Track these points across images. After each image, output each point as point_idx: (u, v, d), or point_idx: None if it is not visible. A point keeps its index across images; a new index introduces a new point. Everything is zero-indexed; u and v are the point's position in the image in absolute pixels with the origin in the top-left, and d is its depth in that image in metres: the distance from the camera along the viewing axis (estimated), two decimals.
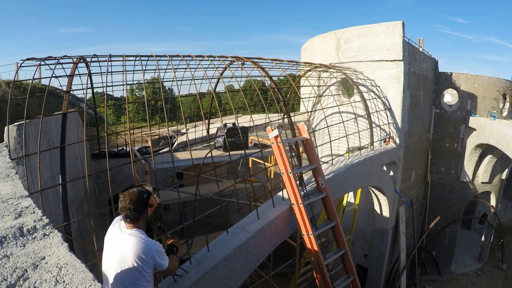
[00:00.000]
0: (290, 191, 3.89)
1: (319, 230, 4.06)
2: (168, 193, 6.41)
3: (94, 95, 6.75)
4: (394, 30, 7.15)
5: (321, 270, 3.86)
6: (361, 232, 8.06)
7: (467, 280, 10.14)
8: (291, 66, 6.87)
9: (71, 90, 4.06)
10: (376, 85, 7.42)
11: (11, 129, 3.10)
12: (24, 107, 3.37)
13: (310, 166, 4.25)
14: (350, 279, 4.25)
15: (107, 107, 3.65)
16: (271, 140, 3.92)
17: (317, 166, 4.23)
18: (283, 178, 3.92)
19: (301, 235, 3.99)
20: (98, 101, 10.25)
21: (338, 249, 4.27)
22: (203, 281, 2.91)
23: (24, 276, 1.09)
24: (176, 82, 4.91)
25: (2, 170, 2.35)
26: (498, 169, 10.28)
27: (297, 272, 7.13)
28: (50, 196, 3.70)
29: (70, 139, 5.03)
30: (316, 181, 4.30)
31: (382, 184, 6.74)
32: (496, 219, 11.23)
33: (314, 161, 4.24)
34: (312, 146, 4.27)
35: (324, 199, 4.27)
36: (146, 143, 8.87)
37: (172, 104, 14.62)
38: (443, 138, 10.07)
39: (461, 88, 9.76)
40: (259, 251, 3.56)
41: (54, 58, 4.13)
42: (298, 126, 4.36)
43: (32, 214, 1.55)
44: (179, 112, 12.26)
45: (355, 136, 6.54)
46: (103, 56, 4.73)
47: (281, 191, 4.23)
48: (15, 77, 3.80)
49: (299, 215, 3.88)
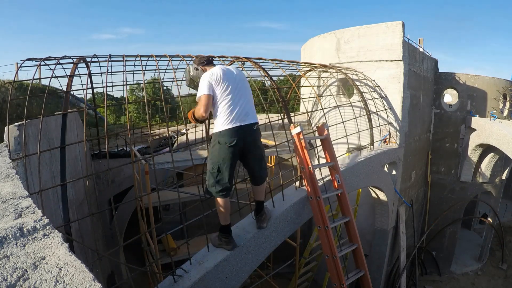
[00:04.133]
0: (310, 185, 4.07)
1: (336, 223, 4.33)
2: (168, 193, 6.41)
3: (94, 95, 6.76)
4: (394, 30, 7.15)
5: (335, 262, 4.10)
6: (361, 232, 8.00)
7: (467, 280, 10.14)
8: (291, 66, 6.87)
9: (71, 90, 4.06)
10: (376, 85, 7.42)
11: (11, 129, 3.10)
12: (24, 107, 3.37)
13: (329, 163, 4.43)
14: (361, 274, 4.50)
15: (107, 107, 3.65)
16: (294, 137, 4.13)
17: (335, 163, 4.42)
18: (303, 172, 4.13)
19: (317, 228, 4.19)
20: (98, 101, 10.25)
21: (351, 244, 4.52)
22: (203, 281, 2.91)
23: (24, 276, 1.09)
24: (176, 82, 4.92)
25: (2, 170, 2.35)
26: (498, 169, 10.28)
27: (297, 272, 7.13)
28: (50, 196, 3.70)
29: (70, 139, 5.04)
30: (333, 178, 4.49)
31: (382, 184, 6.74)
32: (496, 219, 11.23)
33: (332, 159, 4.43)
34: (330, 145, 4.47)
35: (340, 195, 4.48)
36: (148, 142, 8.87)
37: (172, 104, 14.62)
38: (443, 138, 10.07)
39: (461, 88, 9.76)
40: (259, 251, 3.56)
41: (54, 58, 4.13)
42: (318, 125, 4.60)
43: (32, 214, 1.55)
44: (179, 112, 12.26)
45: (355, 136, 6.54)
46: (103, 56, 4.73)
47: (281, 192, 4.23)
48: (15, 77, 3.80)
49: (317, 208, 4.07)
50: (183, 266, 3.02)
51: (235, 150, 2.88)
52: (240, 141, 2.86)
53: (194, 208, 5.27)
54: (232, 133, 2.82)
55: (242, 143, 2.89)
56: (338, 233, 6.93)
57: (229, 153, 2.86)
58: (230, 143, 2.82)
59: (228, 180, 2.94)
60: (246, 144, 2.93)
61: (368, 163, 5.95)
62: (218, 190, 2.96)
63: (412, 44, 7.98)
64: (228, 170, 2.90)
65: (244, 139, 2.89)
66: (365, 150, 6.56)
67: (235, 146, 2.85)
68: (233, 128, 2.82)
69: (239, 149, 2.93)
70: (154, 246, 5.03)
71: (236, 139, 2.83)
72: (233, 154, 2.89)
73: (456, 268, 10.58)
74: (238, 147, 2.89)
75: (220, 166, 2.89)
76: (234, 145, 2.83)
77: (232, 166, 2.94)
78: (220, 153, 2.88)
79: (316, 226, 4.23)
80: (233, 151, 2.87)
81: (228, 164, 2.89)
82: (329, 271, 4.23)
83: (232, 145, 2.82)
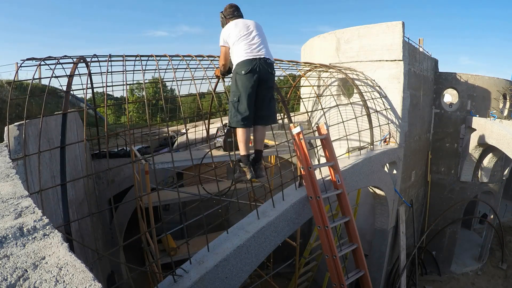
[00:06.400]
0: (309, 185, 4.06)
1: (335, 223, 4.31)
2: (168, 193, 6.41)
3: (94, 95, 6.75)
4: (394, 30, 7.15)
5: (335, 262, 4.10)
6: (360, 232, 8.00)
7: (467, 280, 10.14)
8: (291, 66, 6.87)
9: (71, 90, 4.06)
10: (376, 85, 7.42)
11: (11, 129, 3.10)
12: (24, 107, 3.36)
13: (329, 163, 4.42)
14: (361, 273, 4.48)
15: (107, 107, 3.65)
16: (294, 136, 4.13)
17: (335, 163, 4.41)
18: (303, 172, 4.13)
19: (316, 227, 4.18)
20: (98, 101, 10.25)
21: (351, 244, 4.51)
22: (203, 281, 2.91)
23: (24, 276, 1.09)
24: (176, 82, 4.91)
25: (2, 170, 2.34)
26: (498, 169, 10.28)
27: (297, 272, 7.14)
28: (50, 196, 3.70)
29: (70, 139, 5.03)
30: (333, 178, 4.49)
31: (382, 184, 6.73)
32: (496, 219, 11.23)
33: (332, 159, 4.43)
34: (331, 145, 4.47)
35: (340, 195, 4.47)
36: (148, 141, 8.87)
37: (172, 104, 14.62)
38: (443, 138, 10.06)
39: (461, 88, 9.76)
40: (259, 251, 3.56)
41: (54, 58, 4.12)
42: (319, 125, 4.59)
43: (32, 214, 1.55)
44: (179, 112, 12.26)
45: (355, 136, 6.54)
46: (103, 56, 4.73)
47: (281, 192, 4.23)
48: (15, 77, 3.80)
49: (317, 208, 4.07)
50: (183, 266, 3.02)
51: (251, 78, 3.18)
52: (255, 70, 3.18)
53: (194, 208, 5.28)
54: (248, 62, 3.19)
55: (257, 73, 3.19)
56: (338, 233, 6.93)
57: (246, 81, 3.17)
58: (247, 71, 3.16)
59: (247, 108, 3.20)
60: (261, 75, 3.22)
61: (368, 163, 5.95)
62: (239, 119, 3.22)
63: (412, 44, 7.98)
64: (246, 99, 3.18)
65: (259, 69, 3.20)
66: (365, 150, 6.55)
67: (251, 74, 3.17)
68: (249, 59, 3.20)
69: (256, 79, 3.21)
70: (154, 246, 5.03)
71: (251, 67, 3.16)
72: (250, 82, 3.18)
73: (456, 268, 10.58)
74: (254, 76, 3.19)
75: (240, 95, 3.19)
76: (250, 72, 3.16)
77: (250, 95, 3.20)
78: (238, 83, 3.21)
79: (316, 226, 4.23)
80: (250, 79, 3.17)
81: (246, 93, 3.17)
82: (329, 271, 4.23)
83: (248, 72, 3.16)
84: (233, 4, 3.64)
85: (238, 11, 3.60)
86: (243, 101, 3.18)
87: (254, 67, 3.17)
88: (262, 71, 3.22)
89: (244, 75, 3.16)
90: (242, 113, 3.20)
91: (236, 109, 3.22)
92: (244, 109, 3.19)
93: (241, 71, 3.18)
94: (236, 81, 3.24)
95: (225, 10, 3.61)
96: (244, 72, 3.16)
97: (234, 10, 3.59)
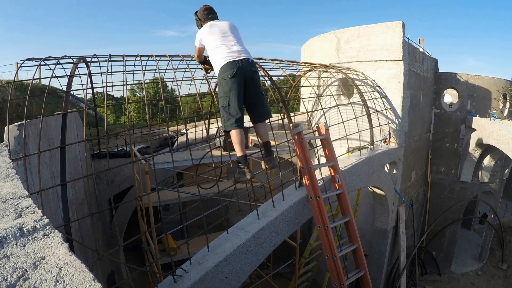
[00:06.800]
0: (310, 185, 4.07)
1: (335, 223, 4.32)
2: (168, 193, 6.41)
3: (94, 95, 6.75)
4: (394, 30, 7.15)
5: (335, 262, 4.10)
6: (360, 232, 8.01)
7: (467, 280, 10.14)
8: (291, 66, 6.87)
9: (71, 90, 4.06)
10: (376, 85, 7.42)
11: (11, 129, 3.10)
12: (24, 107, 3.36)
13: (329, 163, 4.43)
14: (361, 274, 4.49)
15: (107, 107, 3.64)
16: (294, 137, 4.14)
17: (334, 163, 4.42)
18: (303, 172, 4.13)
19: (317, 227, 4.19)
20: (98, 101, 10.25)
21: (351, 244, 4.51)
22: (203, 281, 2.91)
23: (24, 276, 1.09)
24: (176, 82, 4.91)
25: (2, 170, 2.34)
26: (498, 169, 10.28)
27: (297, 272, 7.13)
28: (50, 196, 3.69)
29: (70, 139, 5.03)
30: (333, 178, 4.49)
31: (382, 184, 6.73)
32: (496, 219, 11.23)
33: (332, 159, 4.43)
34: (330, 145, 4.47)
35: (340, 195, 4.47)
36: (148, 141, 8.87)
37: (172, 104, 14.61)
38: (443, 138, 10.06)
39: (461, 88, 9.76)
40: (259, 251, 3.55)
41: (54, 58, 4.12)
42: (319, 125, 4.59)
43: (32, 214, 1.55)
44: (179, 112, 12.26)
45: (355, 136, 6.54)
46: (103, 56, 4.72)
47: (281, 192, 4.23)
48: (15, 77, 3.80)
49: (317, 208, 4.07)
50: (183, 266, 3.02)
51: (238, 81, 3.21)
52: (239, 73, 3.21)
53: (194, 208, 5.28)
54: (231, 65, 3.22)
55: (242, 73, 3.23)
56: (338, 233, 6.92)
57: (232, 84, 3.19)
58: (232, 74, 3.19)
59: (238, 109, 3.21)
60: (246, 77, 3.27)
61: (368, 163, 5.95)
62: (233, 122, 3.22)
63: (412, 44, 7.98)
64: (236, 100, 3.20)
65: (243, 71, 3.24)
66: (365, 150, 6.55)
67: (236, 77, 3.20)
68: (230, 62, 3.24)
69: (242, 80, 3.25)
70: (154, 246, 5.03)
71: (235, 70, 3.20)
72: (237, 84, 3.20)
73: (456, 268, 10.58)
74: (240, 77, 3.22)
75: (229, 99, 3.21)
76: (235, 75, 3.19)
77: (239, 96, 3.23)
78: (225, 87, 3.23)
79: (316, 226, 4.23)
80: (236, 81, 3.20)
81: (235, 94, 3.19)
82: (329, 271, 4.24)
83: (234, 75, 3.19)
84: (207, 6, 3.71)
85: (212, 13, 3.67)
86: (233, 103, 3.21)
87: (238, 69, 3.22)
88: (246, 71, 3.28)
89: (230, 78, 3.20)
90: (234, 115, 3.22)
91: (228, 113, 3.24)
92: (236, 111, 3.21)
93: (227, 75, 3.22)
94: (223, 86, 3.26)
95: (199, 12, 3.67)
96: (230, 76, 3.20)
97: (209, 12, 3.65)
